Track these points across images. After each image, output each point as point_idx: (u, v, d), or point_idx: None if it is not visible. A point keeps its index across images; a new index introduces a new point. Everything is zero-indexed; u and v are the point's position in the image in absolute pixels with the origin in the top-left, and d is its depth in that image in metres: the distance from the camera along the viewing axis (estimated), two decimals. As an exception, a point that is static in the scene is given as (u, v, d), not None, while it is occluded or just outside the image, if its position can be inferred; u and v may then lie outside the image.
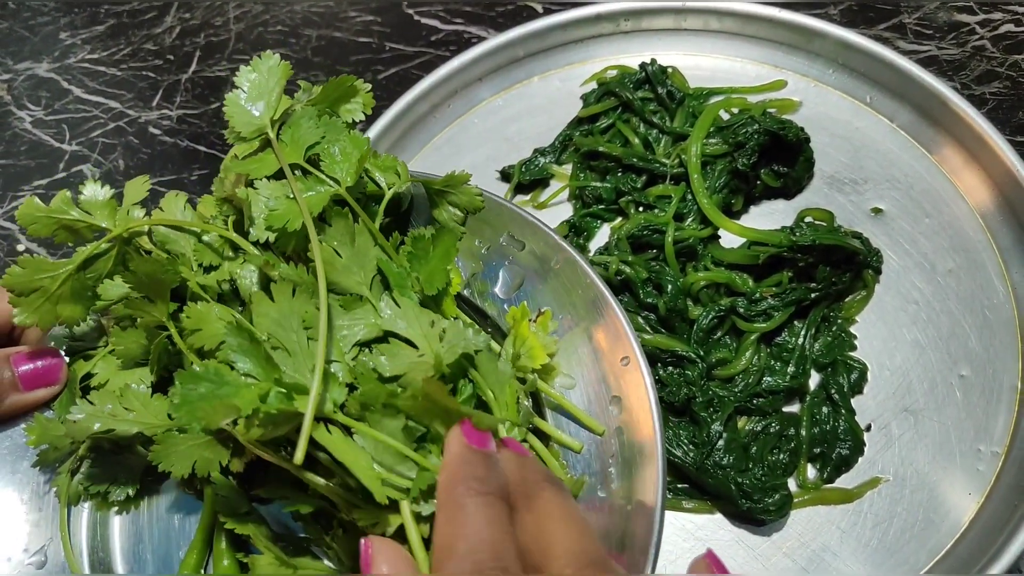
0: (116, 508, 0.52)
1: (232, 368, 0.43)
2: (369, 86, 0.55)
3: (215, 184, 0.53)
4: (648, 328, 0.69)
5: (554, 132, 0.83)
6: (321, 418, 0.43)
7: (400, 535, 0.43)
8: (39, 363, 0.50)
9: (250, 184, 0.50)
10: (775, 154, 0.76)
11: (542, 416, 0.52)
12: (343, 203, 0.50)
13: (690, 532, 0.63)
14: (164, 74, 0.99)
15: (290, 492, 0.47)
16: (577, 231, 0.77)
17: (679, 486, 0.65)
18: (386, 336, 0.47)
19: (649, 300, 0.70)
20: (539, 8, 0.97)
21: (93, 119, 0.95)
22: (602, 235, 0.77)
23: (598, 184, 0.78)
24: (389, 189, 0.53)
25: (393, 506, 0.42)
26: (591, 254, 0.74)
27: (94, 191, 0.51)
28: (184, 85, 0.97)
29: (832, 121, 0.80)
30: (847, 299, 0.72)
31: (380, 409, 0.43)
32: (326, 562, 0.48)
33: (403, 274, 0.50)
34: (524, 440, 0.48)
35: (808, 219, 0.74)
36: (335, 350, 0.46)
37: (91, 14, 1.05)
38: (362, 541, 0.40)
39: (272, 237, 0.48)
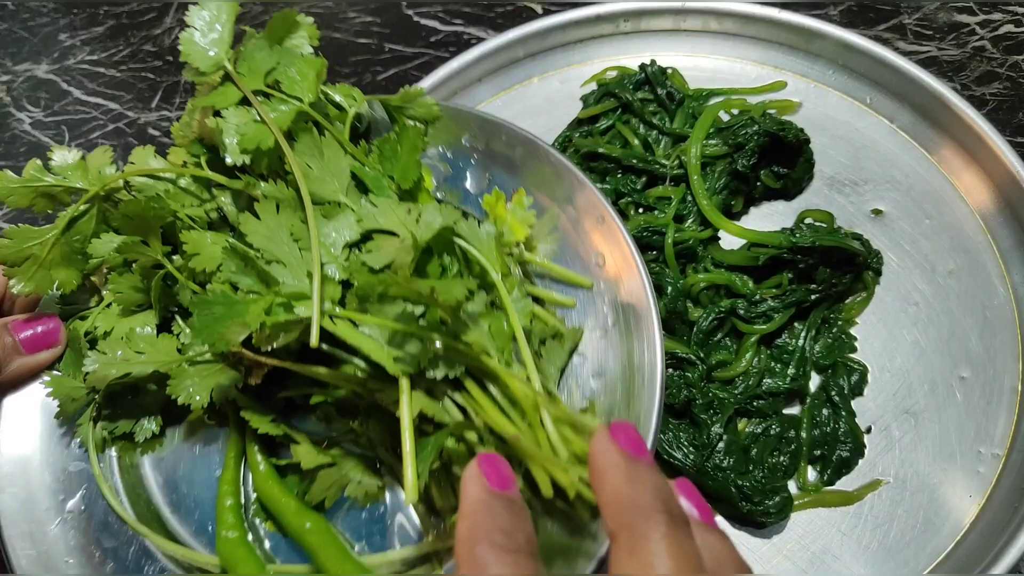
0: (142, 449, 0.54)
1: (235, 289, 0.46)
2: (312, 19, 0.56)
3: (175, 129, 0.54)
4: (648, 330, 0.69)
5: (554, 133, 0.82)
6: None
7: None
8: (38, 328, 0.52)
9: (217, 115, 0.51)
10: (775, 155, 0.75)
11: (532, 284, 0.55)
12: (307, 121, 0.52)
13: (690, 534, 0.63)
14: (163, 75, 0.99)
15: (314, 388, 0.50)
16: (577, 232, 0.77)
17: (679, 488, 0.65)
18: (370, 234, 0.49)
19: (649, 302, 0.70)
20: (538, 9, 0.96)
21: (92, 120, 0.95)
22: (602, 236, 0.77)
23: (598, 185, 0.77)
24: (350, 109, 0.55)
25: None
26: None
27: (63, 156, 0.52)
28: (183, 86, 0.97)
29: (832, 122, 0.80)
30: (847, 301, 0.72)
31: (377, 299, 0.45)
32: (358, 450, 0.51)
33: (377, 176, 0.52)
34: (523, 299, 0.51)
35: (808, 220, 0.74)
36: (326, 253, 0.47)
37: (90, 15, 1.05)
38: None
39: (247, 160, 0.50)
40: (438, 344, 0.44)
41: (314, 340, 0.43)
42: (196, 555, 0.51)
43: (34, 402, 0.53)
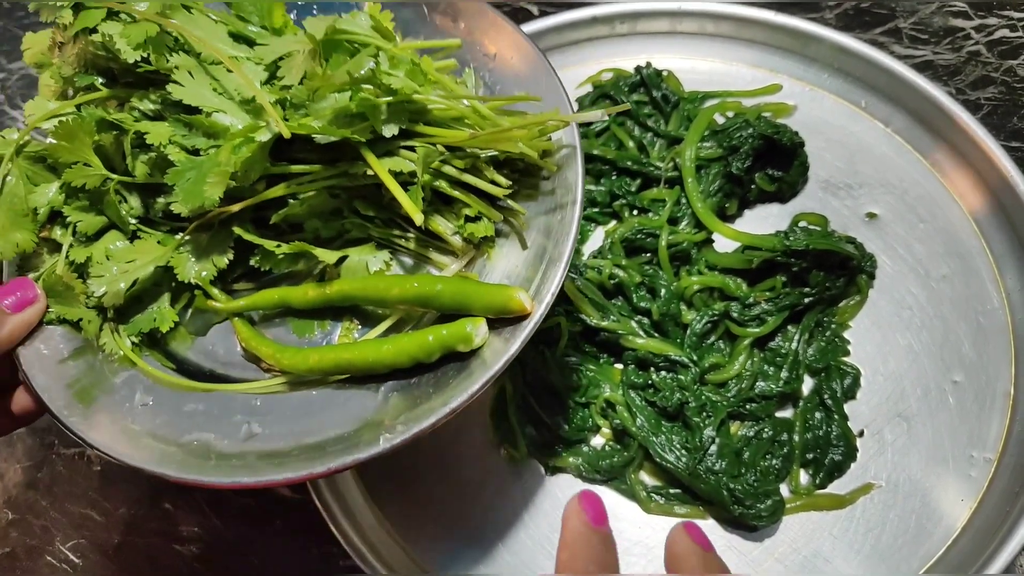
0: (167, 340, 0.57)
1: (188, 152, 0.52)
2: None
3: (47, 76, 0.57)
4: (641, 332, 0.69)
5: (549, 135, 0.82)
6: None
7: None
8: (17, 292, 0.54)
9: (93, 33, 0.54)
10: (770, 158, 0.75)
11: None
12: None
13: (682, 537, 0.63)
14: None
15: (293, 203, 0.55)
16: (571, 234, 0.77)
17: (671, 491, 0.65)
18: (275, 66, 0.54)
19: (643, 304, 0.70)
20: (534, 10, 0.96)
21: (87, 119, 0.95)
22: (596, 238, 0.77)
23: (592, 187, 0.77)
24: None
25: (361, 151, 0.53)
26: (585, 257, 0.74)
27: None
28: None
29: (827, 125, 0.80)
30: (841, 304, 0.72)
31: (311, 99, 0.52)
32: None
33: (250, 26, 0.56)
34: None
35: (802, 223, 0.74)
36: (251, 87, 0.52)
37: (86, 14, 1.05)
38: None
39: (142, 54, 0.53)
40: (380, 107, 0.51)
41: (285, 132, 0.49)
42: (269, 382, 0.54)
43: (51, 346, 0.55)
